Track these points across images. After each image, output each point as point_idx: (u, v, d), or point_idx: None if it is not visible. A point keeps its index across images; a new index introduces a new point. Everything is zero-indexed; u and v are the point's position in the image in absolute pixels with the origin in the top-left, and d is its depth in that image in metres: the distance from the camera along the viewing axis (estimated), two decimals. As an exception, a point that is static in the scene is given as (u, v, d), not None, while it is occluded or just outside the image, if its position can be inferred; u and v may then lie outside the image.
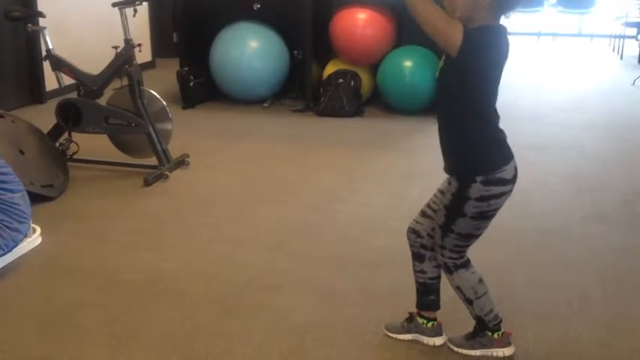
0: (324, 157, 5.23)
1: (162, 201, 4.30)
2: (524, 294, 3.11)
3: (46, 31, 4.71)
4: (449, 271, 2.53)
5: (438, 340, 2.66)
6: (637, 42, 9.58)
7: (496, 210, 2.40)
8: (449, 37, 2.20)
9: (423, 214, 2.59)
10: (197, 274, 3.30)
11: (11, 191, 3.48)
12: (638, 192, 4.50)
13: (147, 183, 4.50)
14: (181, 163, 4.88)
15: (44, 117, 5.24)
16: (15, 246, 3.30)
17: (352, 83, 6.49)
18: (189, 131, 5.68)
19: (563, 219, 4.00)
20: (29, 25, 4.84)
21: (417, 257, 2.61)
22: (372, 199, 4.34)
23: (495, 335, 2.57)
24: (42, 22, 4.89)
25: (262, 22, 6.78)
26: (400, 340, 2.70)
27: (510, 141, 2.42)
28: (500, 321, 2.57)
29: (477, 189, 2.34)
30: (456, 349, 2.62)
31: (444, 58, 2.35)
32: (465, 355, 2.60)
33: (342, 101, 6.43)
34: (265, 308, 2.98)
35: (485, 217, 2.40)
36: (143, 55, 6.23)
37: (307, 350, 2.67)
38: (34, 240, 3.55)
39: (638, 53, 9.49)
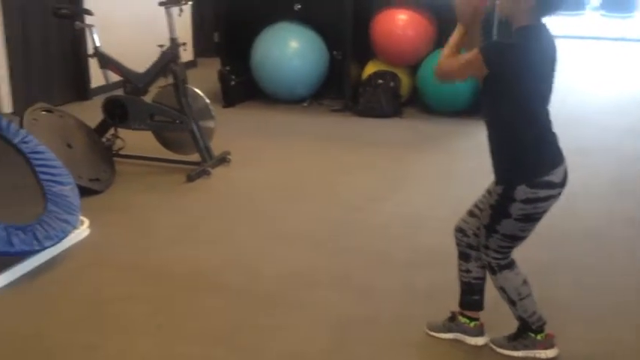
0: (362, 157, 5.25)
1: (205, 197, 4.37)
2: (568, 296, 3.09)
3: (94, 29, 4.81)
4: (493, 272, 2.53)
5: (480, 340, 2.66)
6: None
7: (543, 213, 2.40)
8: (476, 73, 2.32)
9: (471, 213, 2.60)
10: (238, 269, 3.35)
11: (61, 183, 3.59)
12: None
13: (190, 179, 4.57)
14: (223, 160, 4.95)
15: (89, 113, 5.35)
16: (64, 237, 3.39)
17: (392, 84, 6.49)
18: (230, 129, 5.74)
19: (605, 222, 3.97)
20: (77, 22, 4.95)
21: (463, 256, 2.62)
22: (412, 198, 4.35)
23: (538, 337, 2.56)
24: (89, 19, 4.99)
25: (303, 23, 6.82)
26: (442, 339, 2.71)
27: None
28: (544, 323, 2.57)
29: (522, 191, 2.34)
30: (498, 349, 2.62)
31: None
32: (507, 356, 2.60)
33: (381, 102, 6.43)
34: (306, 304, 3.02)
35: (531, 219, 2.40)
36: (185, 54, 6.31)
37: (348, 346, 2.70)
38: (82, 232, 3.64)
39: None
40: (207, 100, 4.93)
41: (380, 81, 6.50)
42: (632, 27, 11.44)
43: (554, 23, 2.40)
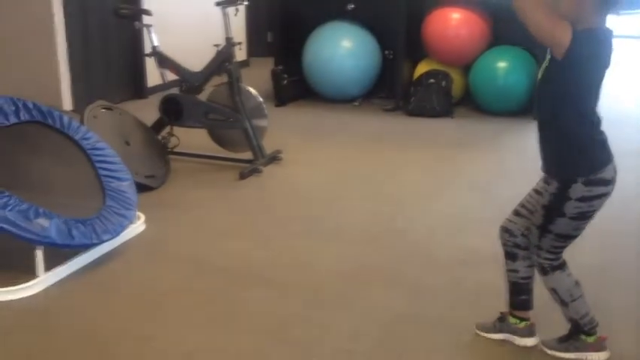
0: (413, 157, 5.25)
1: (257, 194, 4.44)
2: (620, 299, 3.04)
3: (152, 29, 4.94)
4: (544, 273, 2.51)
5: (530, 341, 2.64)
6: None
7: (595, 211, 2.38)
8: (556, 39, 2.21)
9: (517, 213, 2.59)
10: (289, 265, 3.40)
11: (119, 179, 3.70)
12: None
13: (242, 176, 4.66)
14: (274, 158, 5.01)
15: (145, 111, 5.49)
16: (122, 231, 3.50)
17: (443, 84, 6.46)
18: (281, 128, 5.82)
19: (663, 227, 3.88)
20: (137, 22, 5.08)
21: (510, 256, 2.61)
22: (461, 198, 4.33)
23: (590, 339, 2.53)
24: (147, 19, 5.13)
25: (355, 22, 6.86)
26: (491, 339, 2.70)
27: (609, 145, 2.40)
28: (596, 325, 2.54)
29: (578, 189, 2.33)
30: (549, 351, 2.59)
31: (548, 58, 2.33)
32: (558, 358, 2.57)
33: (433, 101, 6.42)
34: (355, 301, 3.04)
35: (585, 217, 2.38)
36: (239, 53, 6.43)
37: (397, 344, 2.71)
38: (138, 226, 3.75)
39: None
40: (261, 99, 5.01)
41: (432, 80, 6.48)
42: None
43: (608, 22, 2.35)
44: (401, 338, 2.75)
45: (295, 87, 7.06)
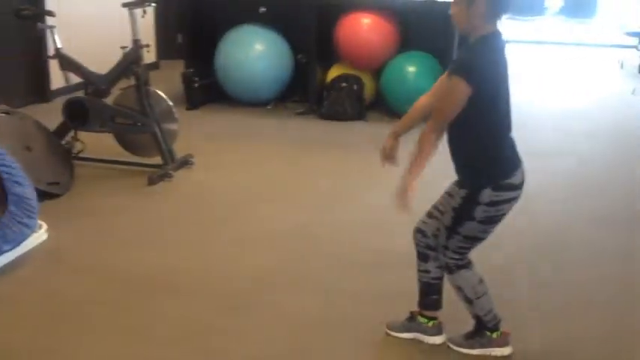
0: (326, 160, 5.28)
1: (167, 200, 4.35)
2: (525, 296, 3.16)
3: (56, 30, 4.75)
4: (450, 271, 2.58)
5: (437, 339, 2.71)
6: (637, 52, 9.62)
7: (504, 215, 2.48)
8: (463, 98, 2.33)
9: (430, 215, 2.65)
10: (200, 272, 3.35)
11: (21, 185, 3.53)
12: (637, 197, 4.56)
13: (151, 182, 4.54)
14: (185, 163, 4.92)
15: (49, 115, 5.27)
16: (23, 240, 3.35)
17: (355, 87, 6.54)
18: (193, 132, 5.72)
19: (564, 224, 4.06)
20: (39, 23, 4.89)
21: (422, 257, 2.67)
22: (373, 201, 4.38)
23: (494, 335, 2.62)
24: (51, 20, 4.93)
25: (267, 26, 6.84)
26: (401, 338, 2.75)
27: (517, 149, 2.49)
28: (499, 321, 2.63)
29: (487, 194, 2.41)
30: (455, 347, 2.67)
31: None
32: (464, 354, 2.65)
33: (345, 105, 6.48)
34: (269, 306, 3.03)
35: (493, 221, 2.47)
36: (148, 56, 6.27)
37: (310, 348, 2.72)
38: (40, 235, 3.59)
39: (638, 63, 9.54)
40: (170, 103, 4.91)
41: (344, 84, 6.54)
42: (592, 32, 11.68)
43: (514, 28, 2.46)
44: (313, 341, 2.76)
45: (207, 90, 6.96)
